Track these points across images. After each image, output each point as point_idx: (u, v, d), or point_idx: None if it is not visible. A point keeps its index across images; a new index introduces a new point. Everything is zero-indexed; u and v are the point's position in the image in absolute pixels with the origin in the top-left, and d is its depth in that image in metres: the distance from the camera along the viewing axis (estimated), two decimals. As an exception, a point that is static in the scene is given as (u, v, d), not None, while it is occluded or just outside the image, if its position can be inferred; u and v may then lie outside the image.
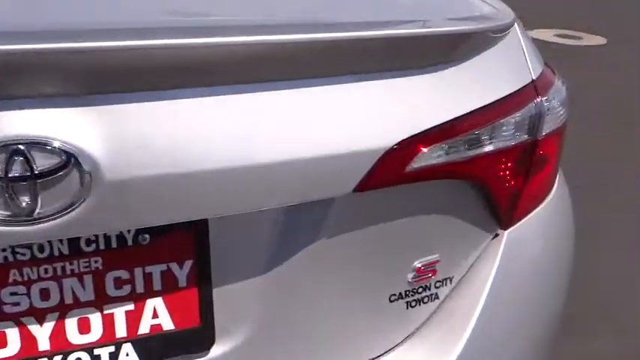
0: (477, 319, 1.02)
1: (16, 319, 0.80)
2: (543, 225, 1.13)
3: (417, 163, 0.88)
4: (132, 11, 0.82)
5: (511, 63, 1.02)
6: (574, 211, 1.22)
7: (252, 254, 0.88)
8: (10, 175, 0.66)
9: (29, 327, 0.81)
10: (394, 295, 0.99)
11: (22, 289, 0.79)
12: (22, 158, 0.67)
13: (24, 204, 0.68)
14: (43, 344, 0.82)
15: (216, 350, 0.89)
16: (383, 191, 0.89)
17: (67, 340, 0.83)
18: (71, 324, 0.82)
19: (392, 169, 0.86)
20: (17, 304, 0.80)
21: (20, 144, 0.67)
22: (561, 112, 1.11)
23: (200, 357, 0.89)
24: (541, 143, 1.04)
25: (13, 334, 0.80)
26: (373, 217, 0.92)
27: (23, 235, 0.69)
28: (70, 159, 0.68)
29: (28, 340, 0.81)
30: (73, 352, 0.83)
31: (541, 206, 1.11)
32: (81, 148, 0.69)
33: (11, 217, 0.68)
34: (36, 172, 0.67)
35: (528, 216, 1.08)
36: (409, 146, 0.87)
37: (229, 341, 0.90)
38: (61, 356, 0.83)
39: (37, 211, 0.69)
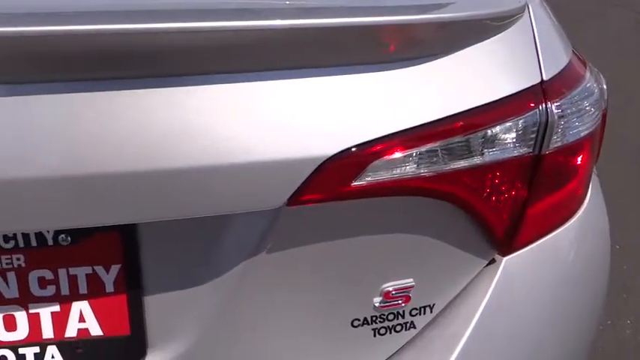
0: (456, 355, 0.88)
1: None
2: (562, 252, 0.95)
3: (369, 177, 0.77)
4: None
5: (514, 58, 0.86)
6: (612, 237, 1.03)
7: (188, 263, 0.81)
8: None
9: None
10: (358, 319, 0.88)
11: (-56, 281, 0.79)
12: None
13: None
14: (-31, 338, 0.81)
15: None
16: (335, 205, 0.78)
17: None
18: None
19: (335, 181, 0.76)
20: None
21: None
22: (593, 116, 0.92)
23: None
24: (551, 157, 0.87)
25: None
26: (325, 234, 0.81)
27: None
28: None
29: None
30: None
31: (561, 229, 0.94)
32: None
33: None
34: None
35: (539, 241, 0.92)
36: (357, 156, 0.75)
37: (164, 353, 0.84)
38: (-14, 352, 0.82)
39: None
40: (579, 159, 0.92)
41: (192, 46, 0.69)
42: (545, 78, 0.86)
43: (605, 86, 0.99)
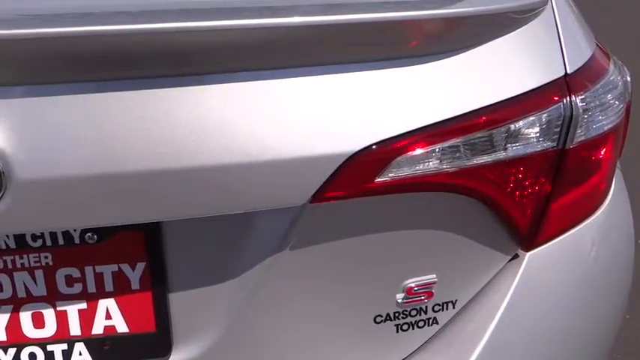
0: (478, 353, 0.88)
1: None
2: (586, 247, 0.95)
3: (392, 173, 0.77)
4: None
5: (538, 51, 0.85)
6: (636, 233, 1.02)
7: (212, 261, 0.82)
8: None
9: None
10: (380, 316, 0.88)
11: (-26, 279, 0.80)
12: None
13: None
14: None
15: (174, 357, 0.85)
16: (357, 201, 0.78)
17: (22, 333, 0.83)
18: (25, 317, 0.82)
19: (358, 178, 0.76)
20: None
21: None
22: (617, 110, 0.92)
23: None
24: (575, 151, 0.87)
25: None
26: (348, 230, 0.82)
27: None
28: None
29: None
30: (27, 345, 0.83)
31: (584, 224, 0.94)
32: None
33: None
34: None
35: (563, 235, 0.92)
36: (381, 152, 0.75)
37: (188, 349, 0.85)
38: (15, 348, 0.83)
39: None
40: (603, 153, 0.91)
41: (216, 45, 0.69)
42: (569, 71, 0.85)
43: (629, 78, 0.98)
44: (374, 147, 0.74)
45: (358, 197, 0.77)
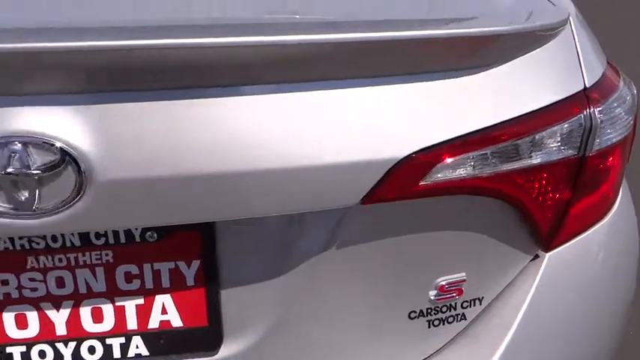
0: (505, 346, 0.95)
1: (35, 304, 0.86)
2: (596, 250, 1.03)
3: (435, 177, 0.84)
4: (128, 10, 0.84)
5: (559, 67, 0.93)
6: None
7: (262, 259, 0.88)
8: (8, 171, 0.71)
9: (47, 312, 0.86)
10: (414, 312, 0.95)
11: (39, 275, 0.84)
12: (19, 155, 0.71)
13: (23, 198, 0.72)
14: (60, 329, 0.87)
15: (224, 351, 0.90)
16: (398, 204, 0.85)
17: (81, 327, 0.87)
18: (85, 313, 0.87)
19: (405, 181, 0.82)
20: (35, 289, 0.85)
21: (18, 141, 0.71)
22: (626, 122, 1.00)
23: (208, 356, 0.90)
24: (593, 159, 0.95)
25: (32, 318, 0.86)
26: (389, 231, 0.88)
27: (23, 228, 0.74)
28: (65, 157, 0.72)
29: (46, 324, 0.86)
30: (87, 339, 0.88)
31: (595, 227, 1.02)
32: (77, 146, 0.72)
33: (12, 210, 0.73)
34: (33, 169, 0.71)
35: (577, 238, 0.99)
36: (427, 157, 0.82)
37: (238, 343, 0.90)
38: (75, 342, 0.88)
39: (36, 205, 0.73)
40: (615, 161, 1.00)
41: (278, 58, 0.76)
42: (587, 85, 0.94)
43: (635, 92, 1.06)
44: (418, 154, 0.81)
45: (403, 200, 0.84)
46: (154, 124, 0.74)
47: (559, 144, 0.91)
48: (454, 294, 0.95)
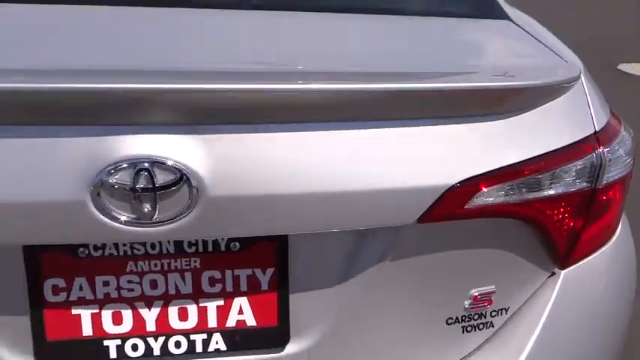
0: (528, 352, 1.10)
1: (130, 303, 0.99)
2: (602, 269, 1.19)
3: (476, 202, 1.00)
4: (232, 58, 1.00)
5: (574, 113, 1.11)
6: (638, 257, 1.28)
7: (325, 268, 1.02)
8: (137, 187, 0.85)
9: (140, 310, 0.99)
10: (451, 318, 1.10)
11: (136, 278, 0.98)
12: (146, 174, 0.85)
13: (146, 210, 0.86)
14: (151, 326, 1.00)
15: (290, 348, 1.04)
16: (444, 223, 1.01)
17: (169, 324, 1.00)
18: (173, 312, 1.00)
19: (453, 204, 0.98)
20: (132, 290, 0.98)
21: (145, 162, 0.85)
22: (626, 162, 1.18)
23: (276, 352, 1.04)
24: (601, 191, 1.12)
25: (127, 315, 0.99)
26: (434, 246, 1.04)
27: (144, 235, 0.88)
28: (182, 176, 0.86)
29: (138, 321, 0.99)
30: (173, 335, 1.01)
31: (601, 250, 1.18)
32: (191, 167, 0.87)
33: (136, 220, 0.87)
34: (157, 185, 0.86)
35: (587, 258, 1.16)
36: (470, 185, 0.98)
37: (302, 341, 1.04)
38: (164, 337, 1.01)
39: (156, 216, 0.87)
40: (617, 194, 1.17)
41: (358, 102, 0.93)
42: (597, 129, 1.11)
43: (632, 135, 1.25)
44: (464, 183, 0.98)
45: (449, 220, 1.00)
46: (251, 152, 0.90)
47: (575, 178, 1.08)
48: (485, 303, 1.10)
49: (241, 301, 1.02)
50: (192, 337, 1.01)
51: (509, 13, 1.39)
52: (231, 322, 1.02)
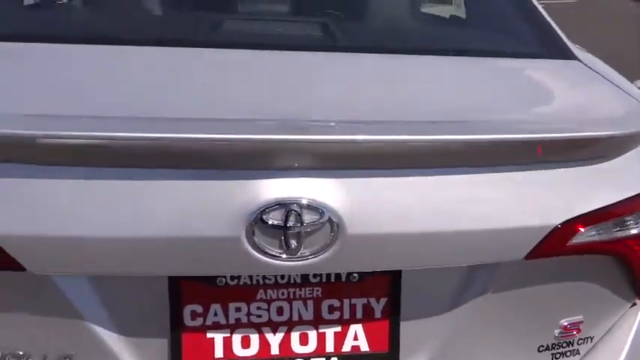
0: None
1: (258, 328, 1.08)
2: None
3: (575, 240, 1.09)
4: (364, 107, 1.10)
5: None
6: None
7: (433, 299, 1.11)
8: (287, 225, 0.95)
9: (266, 335, 1.08)
10: (542, 346, 1.18)
11: (264, 305, 1.07)
12: (295, 213, 0.95)
13: (293, 246, 0.96)
14: (275, 349, 1.09)
15: None
16: (542, 260, 1.10)
17: (291, 348, 1.09)
18: (295, 337, 1.09)
19: (556, 243, 1.08)
20: (260, 316, 1.07)
21: (295, 203, 0.95)
22: None
23: None
24: None
25: (254, 339, 1.08)
26: (531, 280, 1.13)
27: (289, 269, 0.98)
28: (324, 215, 0.96)
29: (264, 345, 1.08)
30: (295, 358, 1.10)
31: None
32: (332, 207, 0.96)
33: (285, 255, 0.96)
34: (305, 224, 0.95)
35: None
36: (571, 225, 1.08)
37: None
38: (285, 360, 1.10)
39: (301, 251, 0.96)
40: None
41: (474, 150, 1.02)
42: None
43: None
44: (566, 223, 1.07)
45: (552, 257, 1.09)
46: (382, 194, 1.00)
47: None
48: (574, 332, 1.19)
49: (356, 328, 1.11)
50: None
51: (574, 52, 1.49)
52: (346, 347, 1.11)
